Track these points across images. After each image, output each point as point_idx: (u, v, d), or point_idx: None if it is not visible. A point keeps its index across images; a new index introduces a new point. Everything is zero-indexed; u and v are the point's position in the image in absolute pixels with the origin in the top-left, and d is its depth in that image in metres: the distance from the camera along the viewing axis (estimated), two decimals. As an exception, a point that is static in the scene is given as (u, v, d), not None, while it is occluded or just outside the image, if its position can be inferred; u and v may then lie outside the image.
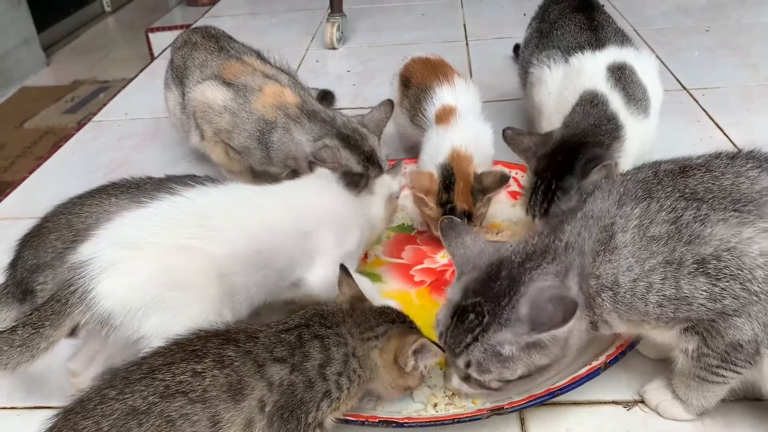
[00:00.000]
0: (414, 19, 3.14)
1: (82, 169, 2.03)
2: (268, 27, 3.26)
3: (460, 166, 1.49)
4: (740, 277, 0.93)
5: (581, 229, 1.03)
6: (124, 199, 1.35)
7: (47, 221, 1.37)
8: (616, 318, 1.01)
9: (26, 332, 1.08)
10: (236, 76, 1.65)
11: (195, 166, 1.94)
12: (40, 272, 1.33)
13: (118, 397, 0.90)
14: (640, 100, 1.48)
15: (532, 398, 1.10)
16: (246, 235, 1.19)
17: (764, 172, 0.99)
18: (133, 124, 2.31)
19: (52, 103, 3.62)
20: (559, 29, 1.72)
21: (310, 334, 1.03)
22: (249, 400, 0.94)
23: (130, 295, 1.07)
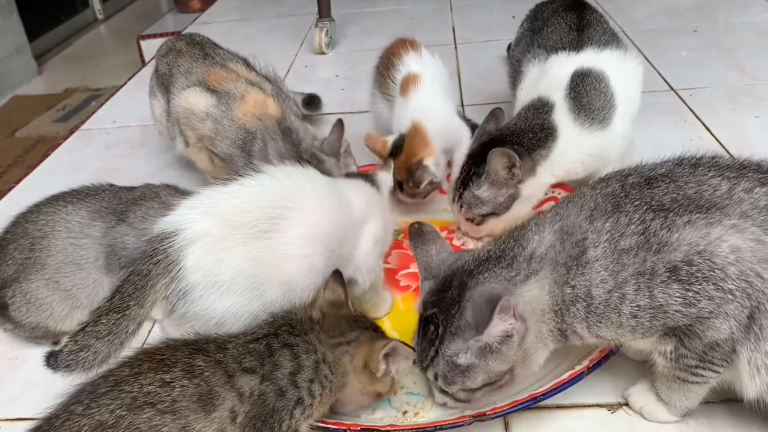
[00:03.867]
0: (403, 24, 3.13)
1: (69, 178, 1.99)
2: (258, 33, 3.25)
3: (412, 141, 1.58)
4: (713, 277, 0.93)
5: (555, 241, 1.03)
6: (81, 206, 1.35)
7: (7, 233, 1.37)
8: (585, 329, 1.01)
9: (111, 319, 1.04)
10: (220, 82, 1.65)
11: (182, 173, 1.94)
12: (7, 287, 1.33)
13: (84, 412, 0.88)
14: (598, 110, 1.46)
15: (515, 404, 1.09)
16: (326, 217, 1.19)
17: (725, 179, 1.00)
18: (121, 131, 2.30)
19: (43, 111, 3.61)
20: (549, 27, 1.70)
21: (279, 343, 1.02)
22: (220, 410, 0.92)
23: (218, 269, 1.06)
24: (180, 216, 1.11)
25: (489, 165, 1.38)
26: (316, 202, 1.20)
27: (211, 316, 1.08)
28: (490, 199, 1.43)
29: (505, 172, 1.38)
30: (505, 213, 1.45)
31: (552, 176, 1.46)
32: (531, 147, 1.42)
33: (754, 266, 0.93)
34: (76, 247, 1.33)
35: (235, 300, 1.09)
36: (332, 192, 1.27)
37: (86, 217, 1.35)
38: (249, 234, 1.10)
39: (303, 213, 1.16)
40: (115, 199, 1.39)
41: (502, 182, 1.40)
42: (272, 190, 1.17)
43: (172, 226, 1.09)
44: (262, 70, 1.79)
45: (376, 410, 1.19)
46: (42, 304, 1.34)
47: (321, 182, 1.27)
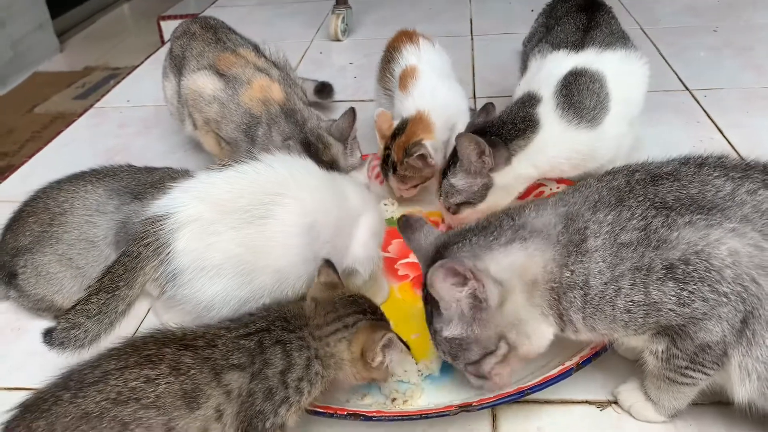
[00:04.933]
0: (421, 13, 3.11)
1: (80, 155, 2.04)
2: (275, 17, 3.25)
3: (414, 126, 1.59)
4: (708, 279, 0.93)
5: (557, 222, 1.03)
6: (99, 185, 1.37)
7: (27, 205, 1.40)
8: (581, 320, 1.02)
9: (102, 298, 1.05)
10: (229, 67, 1.66)
11: (192, 155, 1.95)
12: (20, 256, 1.35)
13: (71, 400, 0.89)
14: (587, 109, 1.45)
15: (501, 396, 1.10)
16: (321, 207, 1.20)
17: (729, 180, 0.99)
18: (135, 111, 2.32)
19: (63, 88, 3.64)
20: (560, 26, 1.70)
21: (272, 340, 1.02)
22: (204, 408, 0.93)
23: (208, 254, 1.07)
24: (172, 200, 1.12)
25: (459, 152, 1.39)
26: (312, 192, 1.21)
27: (199, 299, 1.09)
28: (464, 188, 1.44)
29: (476, 159, 1.39)
30: (481, 203, 1.46)
31: (533, 168, 1.45)
32: (509, 137, 1.42)
33: (750, 271, 0.93)
34: (91, 224, 1.36)
35: (224, 285, 1.10)
36: (328, 183, 1.28)
37: (103, 195, 1.38)
38: (241, 219, 1.11)
39: (298, 201, 1.17)
40: (133, 179, 1.41)
41: (476, 171, 1.41)
42: (267, 177, 1.18)
43: (164, 209, 1.10)
44: (272, 56, 1.79)
45: (366, 396, 1.20)
46: (52, 278, 1.37)
47: (317, 172, 1.28)
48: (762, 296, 0.93)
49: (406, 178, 1.62)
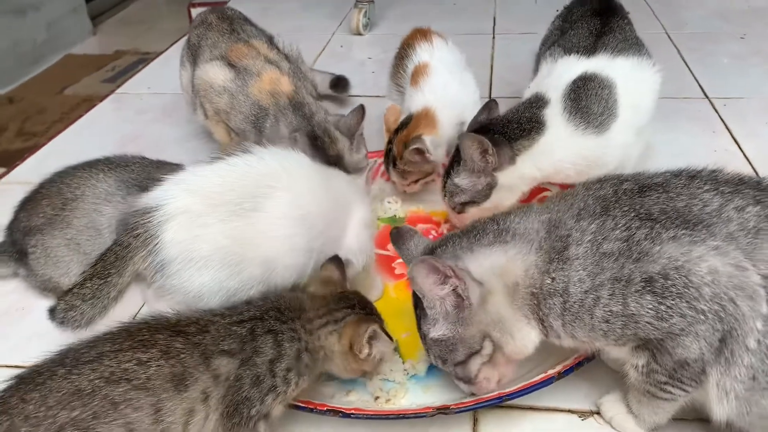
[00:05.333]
0: (445, 9, 3.10)
1: (98, 140, 2.09)
2: (301, 8, 3.26)
3: (417, 121, 1.61)
4: (687, 295, 0.93)
5: (540, 228, 1.04)
6: (110, 175, 1.40)
7: (42, 187, 1.44)
8: (560, 326, 1.02)
9: (95, 284, 1.09)
10: (240, 58, 1.68)
11: (205, 143, 1.98)
12: (32, 236, 1.40)
13: (66, 376, 0.92)
14: (594, 115, 1.44)
15: (480, 401, 1.11)
16: (313, 199, 1.23)
17: (719, 195, 0.98)
18: (154, 98, 2.36)
19: (93, 71, 3.70)
20: (573, 30, 1.68)
21: (264, 329, 1.05)
22: (191, 390, 0.96)
23: (195, 245, 1.10)
24: (163, 192, 1.14)
25: (462, 151, 1.40)
26: (304, 184, 1.23)
27: (188, 290, 1.12)
28: (468, 187, 1.44)
29: (480, 158, 1.39)
30: (485, 202, 1.46)
31: (537, 170, 1.44)
32: (513, 136, 1.42)
33: (728, 291, 0.92)
34: (98, 213, 1.40)
35: (212, 276, 1.12)
36: (320, 176, 1.30)
37: (113, 186, 1.41)
38: (230, 211, 1.13)
39: (289, 193, 1.19)
40: (143, 172, 1.44)
41: (480, 170, 1.41)
42: (258, 170, 1.20)
43: (155, 201, 1.12)
44: (284, 49, 1.81)
45: (351, 393, 1.22)
46: (60, 261, 1.41)
47: (308, 166, 1.31)
48: (739, 317, 0.92)
49: (405, 172, 1.64)
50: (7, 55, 3.56)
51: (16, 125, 3.25)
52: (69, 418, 0.89)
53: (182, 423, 0.95)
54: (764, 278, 0.92)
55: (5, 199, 1.52)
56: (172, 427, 0.94)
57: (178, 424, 0.95)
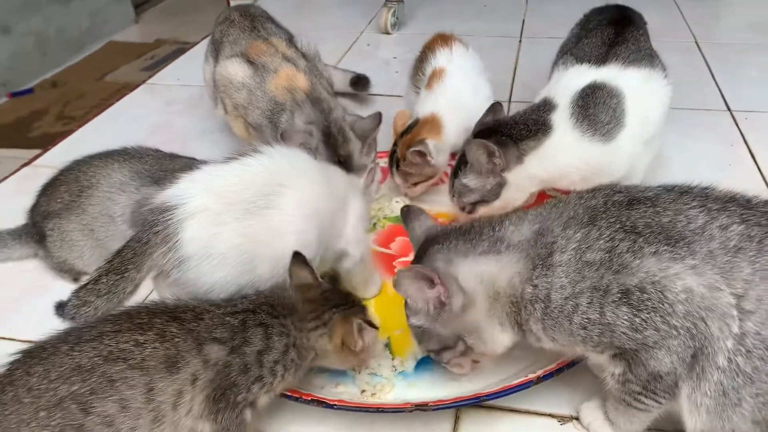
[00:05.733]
0: (475, 10, 3.11)
1: (125, 128, 2.17)
2: (332, 5, 3.31)
3: (422, 126, 1.65)
4: (661, 310, 0.95)
5: (530, 237, 1.06)
6: (125, 166, 1.47)
7: (62, 174, 1.51)
8: (540, 330, 1.05)
9: (111, 279, 1.12)
10: (259, 55, 1.73)
11: (226, 137, 2.02)
12: (50, 219, 1.47)
13: (68, 352, 0.98)
14: (601, 123, 1.44)
15: (458, 400, 1.14)
16: (320, 196, 1.27)
17: (705, 211, 0.99)
18: (182, 90, 2.43)
19: (133, 59, 3.79)
20: (587, 38, 1.69)
21: (255, 321, 1.09)
22: (182, 373, 1.01)
23: (212, 243, 1.14)
24: (181, 190, 1.18)
25: (468, 158, 1.42)
26: (311, 181, 1.28)
27: (201, 284, 1.16)
28: (477, 187, 1.47)
29: (486, 161, 1.41)
30: (495, 201, 1.48)
31: (543, 171, 1.46)
32: (519, 137, 1.43)
33: (700, 311, 0.94)
34: (112, 201, 1.46)
35: (226, 272, 1.16)
36: (322, 172, 1.34)
37: (127, 176, 1.47)
38: (244, 210, 1.17)
39: (298, 191, 1.24)
40: (157, 164, 1.50)
41: (488, 171, 1.43)
42: (270, 169, 1.24)
43: (173, 199, 1.16)
44: (302, 48, 1.85)
45: (340, 385, 1.26)
46: (74, 245, 1.48)
47: (312, 163, 1.36)
48: (709, 336, 0.94)
49: (407, 174, 1.67)
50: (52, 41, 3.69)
51: (57, 109, 3.37)
52: (69, 392, 0.95)
53: (171, 403, 1.00)
54: (738, 298, 0.93)
55: (35, 182, 1.59)
56: (162, 406, 0.99)
57: (167, 404, 1.00)
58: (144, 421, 0.98)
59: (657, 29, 2.70)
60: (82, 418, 0.95)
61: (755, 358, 0.92)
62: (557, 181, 1.51)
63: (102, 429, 0.96)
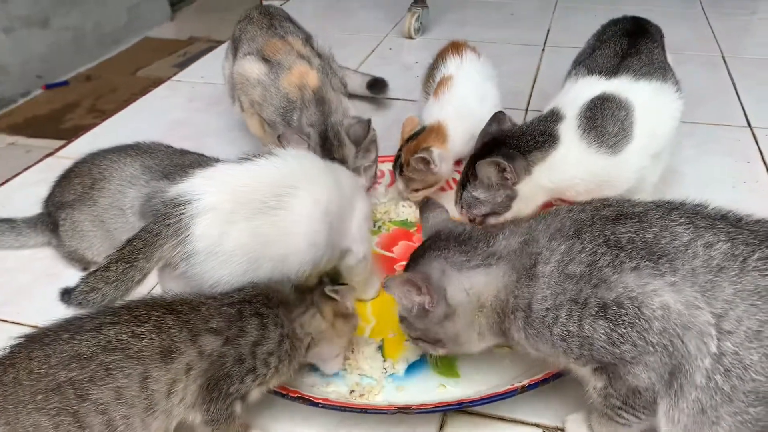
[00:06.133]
0: (501, 18, 3.10)
1: (147, 123, 2.21)
2: (359, 8, 3.32)
3: (429, 133, 1.66)
4: (637, 325, 0.94)
5: (519, 250, 1.07)
6: (136, 160, 1.50)
7: (76, 166, 1.55)
8: (523, 338, 1.06)
9: (120, 267, 1.13)
10: (274, 53, 1.75)
11: (244, 135, 2.04)
12: (63, 209, 1.52)
13: (69, 340, 1.01)
14: (609, 135, 1.43)
15: (441, 405, 1.15)
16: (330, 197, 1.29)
17: (692, 229, 0.98)
18: (205, 87, 2.47)
19: (166, 55, 3.86)
20: (600, 49, 1.68)
21: (251, 311, 1.12)
22: (177, 363, 1.04)
23: (221, 240, 1.16)
24: (195, 185, 1.20)
25: (479, 176, 1.41)
26: (322, 184, 1.30)
27: (206, 280, 1.18)
28: (488, 199, 1.45)
29: (498, 178, 1.40)
30: (506, 212, 1.47)
31: (550, 182, 1.45)
32: (527, 149, 1.43)
33: (676, 329, 0.93)
34: (123, 194, 1.49)
35: (231, 270, 1.18)
36: (332, 174, 1.36)
37: (138, 170, 1.50)
38: (255, 210, 1.20)
39: (310, 193, 1.26)
40: (167, 159, 1.53)
41: (498, 185, 1.43)
42: (282, 171, 1.27)
43: (187, 194, 1.18)
44: (318, 48, 1.86)
45: (331, 384, 1.27)
46: (85, 235, 1.53)
47: (323, 165, 1.37)
48: (686, 354, 0.93)
49: (409, 180, 1.68)
50: (89, 35, 3.79)
51: (89, 102, 3.45)
52: (67, 378, 0.98)
53: (165, 392, 1.03)
54: (718, 317, 0.92)
55: (56, 172, 1.63)
56: (156, 395, 1.02)
57: (161, 393, 1.03)
58: (137, 409, 1.01)
59: (684, 42, 2.70)
60: (78, 404, 0.98)
61: (733, 377, 0.92)
62: (564, 191, 1.50)
63: (96, 416, 0.99)
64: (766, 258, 0.93)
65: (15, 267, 1.59)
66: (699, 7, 3.21)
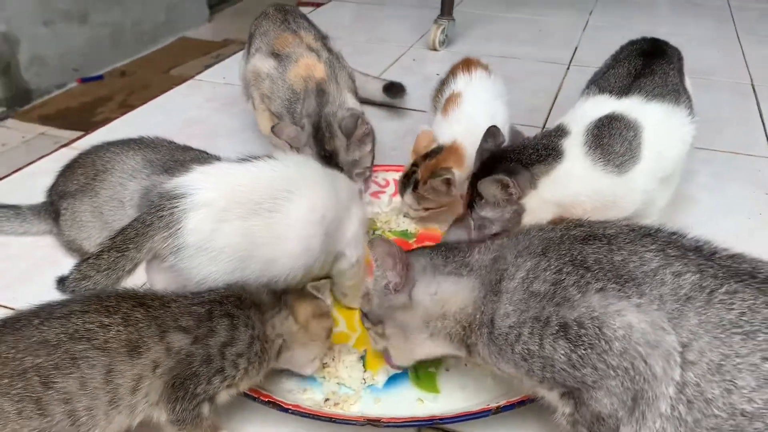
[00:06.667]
0: (528, 34, 3.06)
1: (162, 120, 2.23)
2: (387, 18, 3.32)
3: (448, 153, 1.63)
4: (597, 347, 0.92)
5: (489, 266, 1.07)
6: (138, 154, 1.51)
7: (80, 157, 1.57)
8: (488, 355, 1.05)
9: (112, 256, 1.14)
10: (284, 47, 1.76)
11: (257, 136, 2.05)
12: (65, 199, 1.53)
13: (38, 326, 1.01)
14: (615, 155, 1.39)
15: (411, 420, 1.13)
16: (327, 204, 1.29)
17: (662, 256, 0.96)
18: (225, 88, 2.48)
19: (200, 56, 3.91)
20: (615, 68, 1.65)
21: (222, 312, 1.10)
22: (143, 359, 1.03)
23: (212, 237, 1.16)
24: (192, 180, 1.20)
25: (484, 195, 1.38)
26: (319, 190, 1.29)
27: (194, 275, 1.18)
28: (497, 217, 1.42)
29: (503, 194, 1.37)
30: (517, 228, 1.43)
31: (556, 197, 1.42)
32: (529, 161, 1.40)
33: (639, 348, 0.90)
34: (123, 187, 1.50)
35: (219, 267, 1.18)
36: (330, 181, 1.35)
37: (140, 163, 1.51)
38: (249, 210, 1.19)
39: (307, 199, 1.25)
40: (168, 154, 1.54)
41: (505, 202, 1.40)
42: (281, 175, 1.27)
43: (183, 188, 1.18)
44: (331, 46, 1.85)
45: (307, 390, 1.25)
46: (84, 225, 1.54)
47: (322, 172, 1.37)
48: (650, 377, 0.90)
49: (423, 198, 1.63)
50: (127, 32, 3.86)
51: (121, 97, 3.50)
52: (33, 364, 0.98)
53: (130, 387, 1.02)
54: (682, 345, 0.90)
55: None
56: (120, 389, 1.01)
57: (125, 388, 1.02)
58: (100, 402, 1.00)
59: (713, 67, 2.63)
60: (42, 391, 0.97)
61: (696, 410, 0.89)
62: (570, 208, 1.46)
63: (59, 405, 0.98)
64: (733, 293, 0.90)
65: (17, 254, 1.61)
66: (733, 31, 3.13)
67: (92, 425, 1.01)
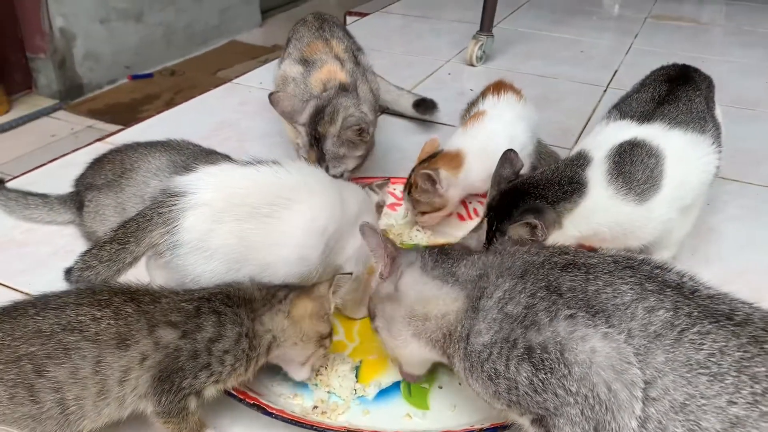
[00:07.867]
0: (569, 54, 3.00)
1: (195, 121, 2.25)
2: (428, 32, 3.30)
3: (444, 157, 1.64)
4: (557, 371, 0.90)
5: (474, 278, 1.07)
6: (164, 155, 1.55)
7: (111, 153, 1.61)
8: (461, 370, 1.04)
9: (113, 248, 1.17)
10: (313, 53, 1.77)
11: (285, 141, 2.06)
12: (91, 191, 1.58)
13: (33, 316, 1.04)
14: (637, 182, 1.35)
15: (397, 436, 1.11)
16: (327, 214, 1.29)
17: (638, 290, 0.93)
18: (260, 92, 2.50)
19: (247, 60, 4.00)
20: (639, 93, 1.60)
21: (209, 309, 1.11)
22: (132, 351, 1.04)
23: (207, 236, 1.18)
24: (194, 179, 1.22)
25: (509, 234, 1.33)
26: (323, 201, 1.29)
27: (189, 272, 1.19)
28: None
29: (529, 235, 1.32)
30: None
31: (579, 231, 1.39)
32: (555, 199, 1.36)
33: (602, 374, 0.88)
34: (146, 185, 1.53)
35: (214, 266, 1.19)
36: (337, 192, 1.34)
37: (164, 164, 1.54)
38: (246, 213, 1.20)
39: (308, 209, 1.25)
40: (192, 156, 1.57)
41: (528, 241, 1.34)
42: (282, 182, 1.27)
43: (184, 186, 1.20)
44: (359, 59, 1.85)
45: (297, 396, 1.25)
46: (105, 219, 1.57)
47: (328, 183, 1.36)
48: (613, 406, 0.87)
49: (417, 202, 1.64)
50: (180, 32, 3.97)
51: (169, 96, 3.60)
52: (27, 352, 1.01)
53: (118, 378, 1.04)
54: (645, 383, 0.87)
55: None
56: (108, 380, 1.03)
57: (113, 379, 1.04)
58: (89, 392, 1.03)
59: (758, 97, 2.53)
60: (34, 379, 1.00)
61: None
62: (589, 238, 1.43)
63: (49, 393, 1.01)
64: (705, 333, 0.87)
65: (40, 240, 1.66)
66: (783, 61, 3.02)
67: (81, 415, 1.03)
